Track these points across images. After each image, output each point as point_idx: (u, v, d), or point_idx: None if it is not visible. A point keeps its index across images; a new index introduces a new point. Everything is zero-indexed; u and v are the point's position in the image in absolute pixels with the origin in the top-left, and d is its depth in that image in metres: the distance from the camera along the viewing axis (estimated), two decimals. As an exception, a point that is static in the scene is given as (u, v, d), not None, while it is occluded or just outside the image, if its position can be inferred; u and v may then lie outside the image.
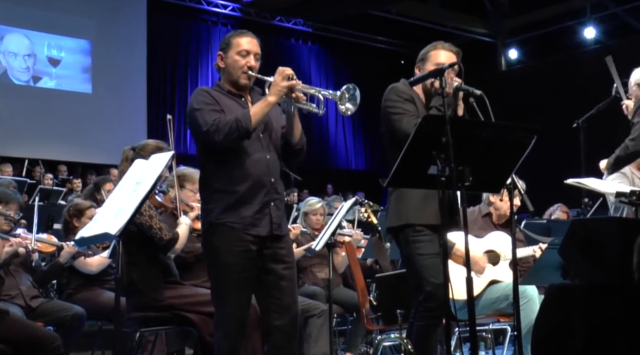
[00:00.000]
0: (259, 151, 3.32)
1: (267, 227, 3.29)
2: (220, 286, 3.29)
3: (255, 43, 3.39)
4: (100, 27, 13.82)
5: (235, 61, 3.35)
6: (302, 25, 16.71)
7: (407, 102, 3.54)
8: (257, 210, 3.27)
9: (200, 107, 3.27)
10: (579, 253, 2.83)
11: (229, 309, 3.26)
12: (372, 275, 5.77)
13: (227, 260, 3.24)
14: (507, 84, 15.38)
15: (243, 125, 3.16)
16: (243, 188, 3.26)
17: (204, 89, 3.42)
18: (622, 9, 15.16)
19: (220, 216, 3.26)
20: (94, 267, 4.91)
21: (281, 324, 3.33)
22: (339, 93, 3.21)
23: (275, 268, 3.33)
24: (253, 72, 3.36)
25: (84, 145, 13.31)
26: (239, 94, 3.41)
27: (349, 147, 17.75)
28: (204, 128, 3.21)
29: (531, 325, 3.37)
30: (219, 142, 3.19)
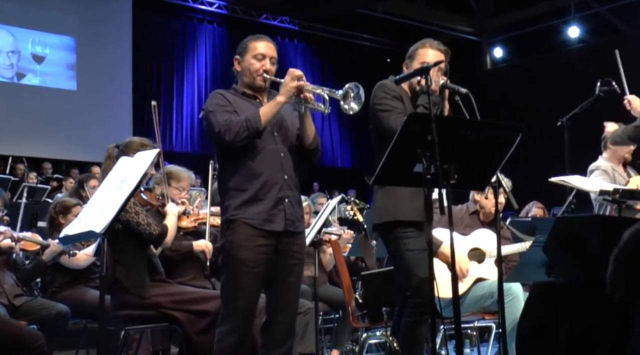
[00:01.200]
0: (273, 149, 3.39)
1: (282, 223, 3.36)
2: (231, 281, 3.34)
3: (271, 47, 3.49)
4: (85, 23, 13.72)
5: (251, 64, 3.45)
6: (288, 23, 16.69)
7: (395, 100, 3.55)
8: (272, 206, 3.34)
9: (213, 109, 3.38)
10: (563, 250, 2.85)
11: (238, 304, 3.31)
12: (358, 272, 5.78)
13: (239, 255, 3.30)
14: (493, 83, 15.44)
15: (252, 125, 3.26)
16: (256, 185, 3.34)
17: (219, 91, 3.51)
18: (606, 8, 15.26)
19: (235, 212, 3.33)
20: (81, 262, 4.89)
21: (283, 318, 3.41)
22: (341, 92, 3.25)
23: (286, 263, 3.41)
24: (269, 75, 3.45)
25: (69, 142, 13.22)
26: (254, 96, 3.49)
27: (335, 144, 17.76)
28: (216, 129, 3.31)
29: (516, 322, 3.39)
30: (229, 141, 3.27)
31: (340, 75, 16.89)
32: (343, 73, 16.89)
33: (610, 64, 5.82)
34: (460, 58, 14.30)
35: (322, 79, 17.23)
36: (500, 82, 15.60)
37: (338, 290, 5.47)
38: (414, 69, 3.55)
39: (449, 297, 2.96)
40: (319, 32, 17.10)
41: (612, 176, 5.39)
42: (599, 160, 5.56)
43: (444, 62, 3.50)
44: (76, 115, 13.36)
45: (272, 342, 3.41)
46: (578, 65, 13.97)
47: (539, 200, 7.17)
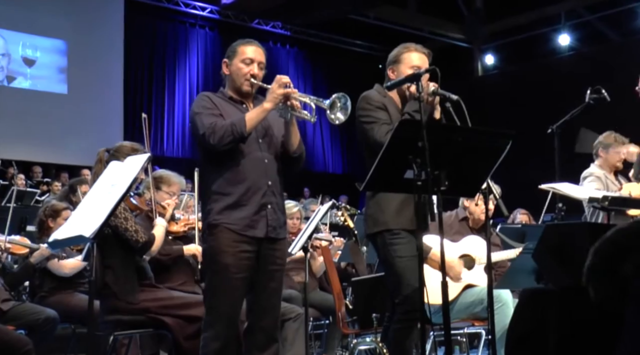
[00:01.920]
0: (257, 155, 3.39)
1: (264, 229, 3.35)
2: (214, 286, 3.33)
3: (260, 52, 3.49)
4: (76, 27, 13.68)
5: (239, 69, 3.45)
6: (280, 28, 16.71)
7: (379, 110, 3.56)
8: (254, 212, 3.34)
9: (199, 111, 3.37)
10: (552, 257, 2.85)
11: (221, 310, 3.30)
12: (348, 278, 5.78)
13: (221, 260, 3.29)
14: (484, 89, 15.49)
15: (238, 130, 3.24)
16: (240, 190, 3.33)
17: (206, 94, 3.50)
18: (596, 17, 15.36)
19: (217, 217, 3.32)
20: (67, 270, 4.87)
21: (265, 324, 3.40)
22: (329, 102, 3.26)
23: (267, 269, 3.40)
24: (256, 80, 3.45)
25: (59, 146, 13.18)
26: (240, 101, 3.48)
27: (327, 150, 17.77)
28: (201, 131, 3.30)
29: (505, 329, 3.39)
30: (214, 144, 3.26)
31: (332, 81, 16.91)
32: (334, 78, 16.92)
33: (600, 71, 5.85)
34: (451, 65, 14.37)
35: (313, 85, 17.26)
36: (491, 89, 15.66)
37: (328, 296, 5.46)
38: (402, 73, 3.55)
39: (439, 304, 2.96)
40: (310, 37, 17.13)
41: (605, 183, 5.42)
42: (592, 167, 5.59)
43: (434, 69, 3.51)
44: (67, 119, 13.32)
45: (255, 348, 3.40)
46: (568, 72, 14.04)
47: (528, 207, 7.20)
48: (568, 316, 2.50)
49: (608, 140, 5.54)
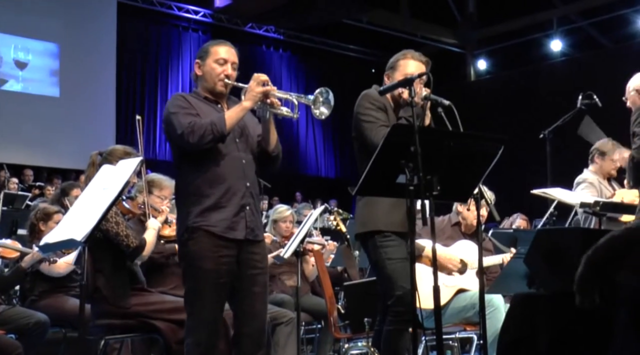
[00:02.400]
0: (235, 155, 3.34)
1: (243, 231, 3.30)
2: (195, 292, 3.28)
3: (233, 52, 3.44)
4: (68, 30, 13.65)
5: (213, 69, 3.39)
6: (273, 32, 16.72)
7: (380, 111, 3.56)
8: (234, 214, 3.28)
9: (175, 111, 3.30)
10: (544, 262, 2.86)
11: (202, 315, 3.26)
12: (341, 283, 5.78)
13: (202, 266, 3.24)
14: (476, 94, 15.55)
15: (218, 129, 3.19)
16: (218, 191, 3.27)
17: (181, 94, 3.45)
18: (588, 23, 15.44)
19: (196, 219, 3.26)
20: (61, 270, 4.84)
21: (250, 330, 3.34)
22: (312, 97, 3.24)
23: (249, 273, 3.34)
24: (230, 80, 3.40)
25: (51, 149, 13.13)
26: (215, 101, 3.44)
27: (319, 154, 17.77)
28: (178, 131, 3.23)
29: (497, 334, 3.39)
30: (193, 144, 3.20)
31: (325, 85, 16.73)
32: (327, 83, 16.66)
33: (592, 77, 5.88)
34: (444, 69, 14.41)
35: (306, 88, 17.26)
36: (484, 94, 15.71)
37: (320, 300, 5.46)
38: (396, 79, 3.56)
39: (431, 308, 2.96)
40: (304, 41, 17.14)
41: (599, 189, 5.42)
42: (585, 173, 5.60)
43: (427, 74, 3.51)
44: (59, 122, 13.28)
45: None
46: (560, 78, 14.11)
47: (520, 211, 7.22)
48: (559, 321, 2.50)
49: (605, 148, 5.53)
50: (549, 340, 2.49)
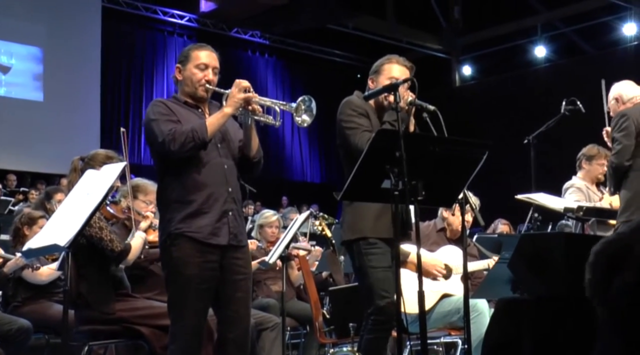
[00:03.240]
0: (217, 161, 3.31)
1: (226, 236, 3.28)
2: (178, 298, 3.26)
3: (214, 57, 3.41)
4: (52, 34, 13.57)
5: (193, 74, 3.36)
6: (259, 37, 16.72)
7: (362, 117, 3.56)
8: (216, 220, 3.26)
9: (156, 118, 3.26)
10: (528, 267, 2.87)
11: (186, 322, 3.23)
12: (326, 288, 5.78)
13: (185, 272, 3.22)
14: (461, 100, 15.62)
15: (199, 136, 3.16)
16: (200, 197, 3.25)
17: (160, 100, 3.42)
18: (571, 29, 15.57)
19: (179, 226, 3.23)
20: (44, 277, 4.80)
21: (234, 336, 3.33)
22: (294, 105, 3.23)
23: (232, 279, 3.32)
24: (211, 85, 3.37)
25: (35, 154, 13.03)
26: (195, 105, 3.41)
27: (305, 159, 17.77)
28: (159, 138, 3.20)
29: (481, 338, 3.41)
30: (174, 151, 3.17)
31: (310, 90, 16.78)
32: (313, 88, 16.92)
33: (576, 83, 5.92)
34: (429, 75, 14.47)
35: (292, 94, 17.27)
36: (469, 99, 15.78)
37: (305, 305, 5.45)
38: (380, 84, 3.57)
39: (416, 313, 2.97)
40: (289, 46, 17.16)
41: (587, 194, 5.47)
42: (574, 179, 5.64)
43: (412, 79, 3.52)
44: (42, 127, 13.18)
45: None
46: (544, 84, 14.21)
47: (505, 217, 7.25)
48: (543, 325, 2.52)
49: (591, 152, 5.58)
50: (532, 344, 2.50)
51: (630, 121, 4.59)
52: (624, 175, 4.60)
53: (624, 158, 4.56)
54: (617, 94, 4.91)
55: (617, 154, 4.60)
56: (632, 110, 4.70)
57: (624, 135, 4.58)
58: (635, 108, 4.73)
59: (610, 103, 4.95)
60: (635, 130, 4.57)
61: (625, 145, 4.56)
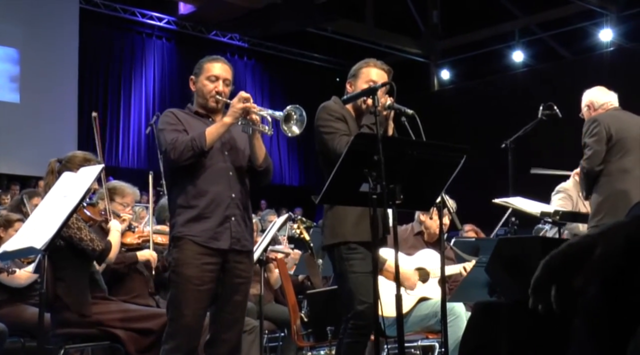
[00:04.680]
0: (222, 167, 3.42)
1: (227, 241, 3.37)
2: (178, 298, 3.33)
3: (226, 69, 3.54)
4: (29, 35, 13.43)
5: (205, 86, 3.50)
6: (238, 40, 16.69)
7: (339, 121, 3.58)
8: (218, 224, 3.36)
9: (163, 128, 3.42)
10: (504, 271, 2.89)
11: (184, 321, 3.30)
12: (304, 291, 5.77)
13: (185, 272, 3.30)
14: (439, 104, 15.70)
15: (197, 144, 3.28)
16: (203, 202, 3.35)
17: (171, 110, 3.55)
18: (548, 35, 15.72)
19: (181, 229, 3.35)
20: (22, 280, 4.75)
21: (228, 337, 3.41)
22: (282, 113, 3.30)
23: (232, 282, 3.41)
24: (222, 97, 3.49)
25: (10, 156, 12.90)
26: (206, 115, 3.52)
27: (284, 162, 17.76)
28: (163, 147, 3.36)
29: (458, 341, 3.42)
30: (175, 160, 3.30)
31: (289, 94, 16.94)
32: (292, 91, 16.95)
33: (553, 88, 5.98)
34: (407, 79, 14.53)
35: (271, 97, 17.25)
36: (447, 103, 15.87)
37: (283, 308, 5.45)
38: (359, 88, 3.58)
39: (393, 316, 2.98)
40: (268, 49, 17.15)
41: (575, 203, 5.50)
42: (568, 183, 5.67)
43: (390, 83, 3.54)
44: (19, 129, 13.04)
45: None
46: (522, 89, 14.33)
47: (482, 221, 7.29)
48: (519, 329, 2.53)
49: None
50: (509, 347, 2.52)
51: (602, 127, 4.65)
52: (595, 180, 4.66)
53: (594, 163, 4.62)
54: (588, 101, 4.97)
55: (588, 159, 4.66)
56: (602, 115, 4.77)
57: (595, 141, 4.64)
58: (606, 114, 4.80)
59: (583, 110, 5.01)
60: (606, 136, 4.64)
61: (596, 151, 4.62)
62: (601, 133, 4.63)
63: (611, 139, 4.64)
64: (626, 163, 4.63)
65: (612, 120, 4.71)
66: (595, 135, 4.64)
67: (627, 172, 4.62)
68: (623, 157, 4.64)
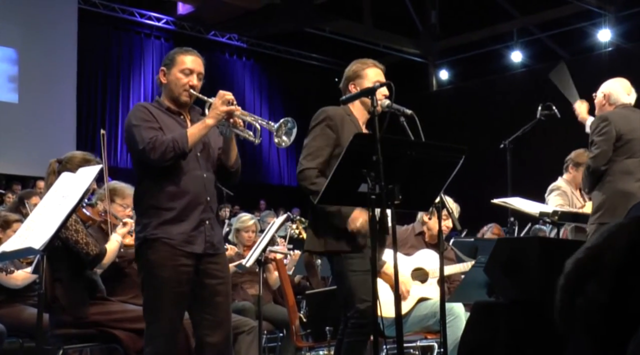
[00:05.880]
0: (197, 169, 3.32)
1: (202, 245, 3.29)
2: (153, 301, 3.25)
3: (199, 62, 3.41)
4: (28, 35, 13.42)
5: (178, 79, 3.35)
6: (236, 40, 16.69)
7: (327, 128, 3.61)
8: (193, 228, 3.27)
9: (138, 123, 3.26)
10: (503, 271, 2.90)
11: (161, 325, 3.23)
12: (302, 291, 5.77)
13: (161, 274, 3.21)
14: (438, 104, 15.71)
15: (180, 146, 3.17)
16: (179, 205, 3.25)
17: (143, 105, 3.41)
18: (546, 35, 15.73)
19: (155, 231, 3.24)
20: (19, 281, 4.75)
21: (214, 340, 3.31)
22: (276, 125, 3.26)
23: (210, 283, 3.32)
24: (195, 91, 3.37)
25: (10, 156, 12.88)
26: (178, 112, 3.41)
27: (282, 162, 17.75)
28: (140, 146, 3.20)
29: (457, 342, 3.43)
30: (154, 160, 3.18)
31: (287, 94, 16.94)
32: (290, 91, 16.95)
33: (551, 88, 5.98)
34: (406, 79, 14.53)
35: (269, 97, 17.25)
36: (446, 103, 15.88)
37: (282, 309, 5.45)
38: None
39: (392, 317, 2.98)
40: (267, 49, 17.14)
41: (570, 199, 5.51)
42: (560, 181, 5.67)
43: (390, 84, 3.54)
44: (17, 129, 13.03)
45: None
46: (520, 89, 14.34)
47: (482, 221, 7.29)
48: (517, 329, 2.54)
49: (580, 159, 5.59)
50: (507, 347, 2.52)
51: (612, 126, 4.62)
52: (599, 178, 4.65)
53: (601, 163, 4.62)
54: (607, 91, 4.88)
55: (595, 158, 4.64)
56: (614, 114, 4.71)
57: (604, 140, 4.62)
58: (616, 112, 4.74)
59: (598, 96, 4.94)
60: (615, 136, 4.62)
61: (603, 150, 4.61)
62: (610, 133, 4.61)
63: (620, 139, 4.61)
64: (630, 165, 4.62)
65: (623, 121, 4.66)
66: (604, 135, 4.62)
67: (630, 173, 4.61)
68: (629, 158, 4.63)
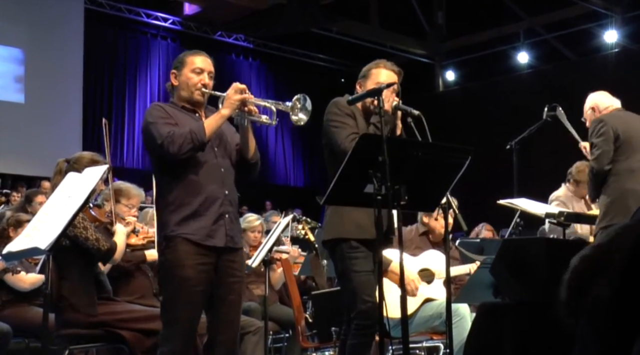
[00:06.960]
0: (214, 163, 3.34)
1: (223, 238, 3.30)
2: (172, 301, 3.27)
3: (209, 62, 3.46)
4: (34, 35, 13.45)
5: (189, 78, 3.40)
6: (243, 41, 16.70)
7: (348, 117, 3.58)
8: (213, 222, 3.28)
9: (154, 121, 3.30)
10: (509, 272, 2.89)
11: (180, 325, 3.24)
12: (308, 292, 5.77)
13: (180, 274, 3.22)
14: (444, 105, 15.68)
15: (198, 137, 3.20)
16: (198, 200, 3.27)
17: (158, 104, 3.46)
18: (553, 36, 15.70)
19: (175, 228, 3.25)
20: (26, 285, 4.75)
21: (224, 339, 3.34)
22: (290, 104, 3.28)
23: (226, 281, 3.34)
24: (207, 89, 3.41)
25: (16, 156, 12.91)
26: (193, 110, 3.44)
27: (288, 163, 17.76)
28: (158, 141, 3.23)
29: (463, 342, 3.42)
30: (173, 153, 3.20)
31: (294, 94, 16.82)
32: (297, 92, 16.66)
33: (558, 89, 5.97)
34: (413, 80, 14.47)
35: (275, 97, 17.18)
36: (452, 104, 15.85)
37: (288, 309, 5.45)
38: (368, 88, 3.59)
39: (398, 317, 2.97)
40: (273, 50, 17.15)
41: (571, 209, 5.50)
42: (561, 191, 5.66)
43: (396, 84, 3.54)
44: (24, 129, 13.06)
45: None
46: (527, 90, 14.30)
47: (487, 222, 7.28)
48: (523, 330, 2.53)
49: (580, 177, 5.58)
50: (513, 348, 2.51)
51: (608, 126, 4.65)
52: (603, 180, 4.65)
53: (603, 163, 4.61)
54: (593, 104, 4.97)
55: (597, 159, 4.64)
56: (608, 116, 4.76)
57: (603, 141, 4.62)
58: (611, 114, 4.80)
59: (587, 113, 5.00)
60: (614, 136, 4.63)
61: (605, 150, 4.61)
62: (608, 133, 4.62)
63: (618, 138, 4.63)
64: (633, 163, 4.63)
65: (618, 121, 4.71)
66: (602, 135, 4.63)
67: (634, 171, 4.61)
68: (630, 157, 4.63)
